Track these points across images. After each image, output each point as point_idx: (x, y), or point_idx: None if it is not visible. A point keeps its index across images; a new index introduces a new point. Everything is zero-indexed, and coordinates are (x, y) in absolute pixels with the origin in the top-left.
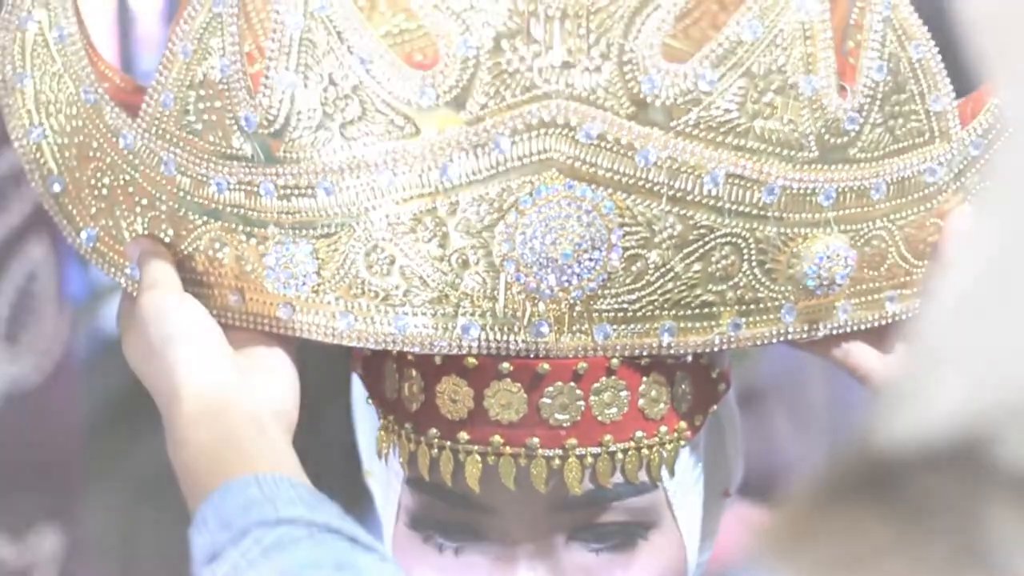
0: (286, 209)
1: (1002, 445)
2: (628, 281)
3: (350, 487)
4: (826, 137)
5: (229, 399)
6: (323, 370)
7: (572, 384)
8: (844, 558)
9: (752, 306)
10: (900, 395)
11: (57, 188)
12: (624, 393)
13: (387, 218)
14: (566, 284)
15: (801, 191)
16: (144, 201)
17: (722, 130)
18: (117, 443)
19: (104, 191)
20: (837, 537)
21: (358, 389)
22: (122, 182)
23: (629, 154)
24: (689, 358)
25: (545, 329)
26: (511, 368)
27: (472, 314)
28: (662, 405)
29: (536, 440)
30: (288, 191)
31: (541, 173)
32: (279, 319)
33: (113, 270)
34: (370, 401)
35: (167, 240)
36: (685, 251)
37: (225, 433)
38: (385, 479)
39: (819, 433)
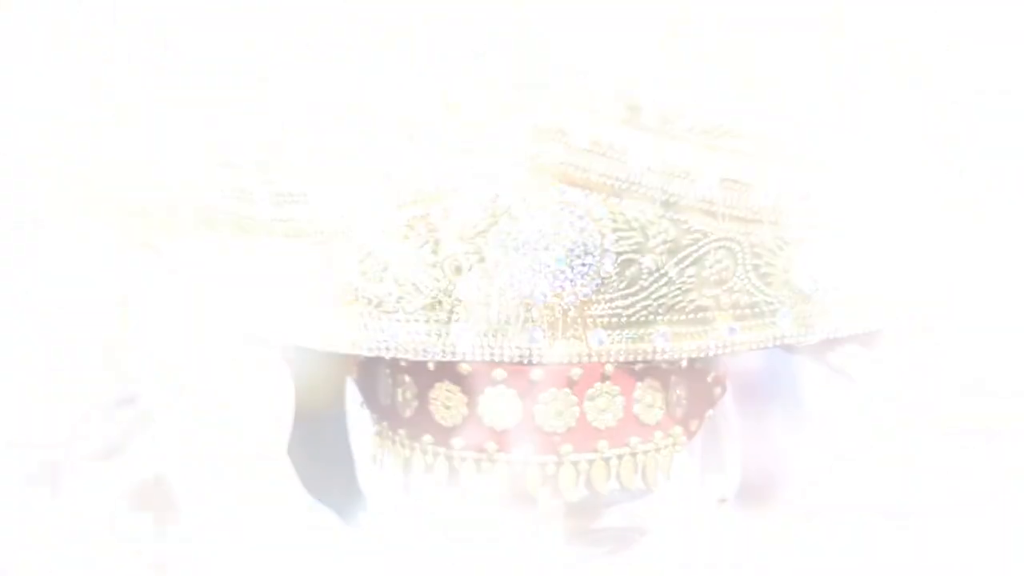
0: (280, 216)
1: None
2: (622, 286)
3: (345, 492)
4: (822, 141)
5: (224, 406)
6: (318, 376)
7: (566, 390)
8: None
9: (747, 310)
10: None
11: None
12: (619, 399)
13: (380, 224)
14: (559, 290)
15: (796, 195)
16: (138, 209)
17: (716, 134)
18: (113, 447)
19: (99, 200)
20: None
21: (353, 394)
22: (117, 191)
23: (622, 159)
24: (684, 363)
25: (539, 335)
26: (505, 374)
27: (465, 320)
28: (657, 410)
29: (531, 446)
30: (282, 198)
31: (534, 179)
32: (274, 326)
33: (109, 279)
34: (364, 406)
35: (161, 248)
36: (679, 256)
37: (219, 441)
38: (380, 484)
39: (816, 436)
